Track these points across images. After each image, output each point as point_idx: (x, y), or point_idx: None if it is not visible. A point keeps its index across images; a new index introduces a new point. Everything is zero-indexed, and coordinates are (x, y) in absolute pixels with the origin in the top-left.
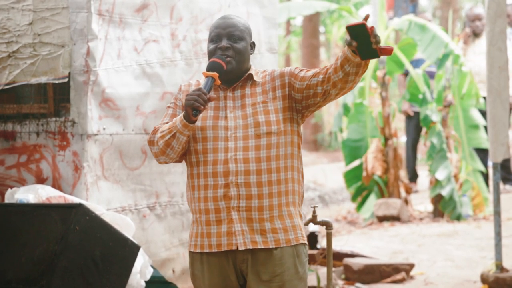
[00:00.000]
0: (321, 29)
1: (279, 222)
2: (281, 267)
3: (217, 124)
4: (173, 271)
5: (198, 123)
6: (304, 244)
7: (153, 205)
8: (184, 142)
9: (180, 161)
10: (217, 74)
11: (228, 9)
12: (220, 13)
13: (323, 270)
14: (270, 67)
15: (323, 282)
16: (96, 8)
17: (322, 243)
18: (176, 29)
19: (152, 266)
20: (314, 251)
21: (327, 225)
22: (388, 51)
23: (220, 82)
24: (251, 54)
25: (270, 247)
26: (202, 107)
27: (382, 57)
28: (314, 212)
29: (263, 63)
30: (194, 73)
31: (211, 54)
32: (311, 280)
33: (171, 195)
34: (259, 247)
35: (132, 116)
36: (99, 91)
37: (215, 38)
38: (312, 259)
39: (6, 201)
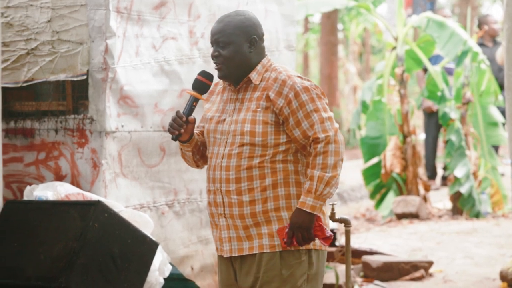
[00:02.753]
0: (339, 26)
1: (265, 228)
2: (261, 268)
3: (217, 128)
4: (192, 268)
5: (206, 125)
6: (297, 250)
7: (172, 202)
8: (193, 154)
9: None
10: (197, 94)
11: (246, 7)
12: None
13: (341, 268)
14: (288, 64)
15: (342, 280)
16: (114, 6)
17: (340, 240)
18: (194, 26)
19: (170, 263)
20: (332, 249)
21: (345, 222)
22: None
23: (204, 99)
24: (250, 51)
25: (254, 252)
26: (177, 132)
27: (401, 54)
28: (332, 209)
29: (281, 60)
30: (212, 71)
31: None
32: (330, 277)
33: (189, 192)
34: (244, 253)
35: (150, 114)
36: (117, 88)
37: (211, 44)
38: (330, 257)
39: (25, 198)
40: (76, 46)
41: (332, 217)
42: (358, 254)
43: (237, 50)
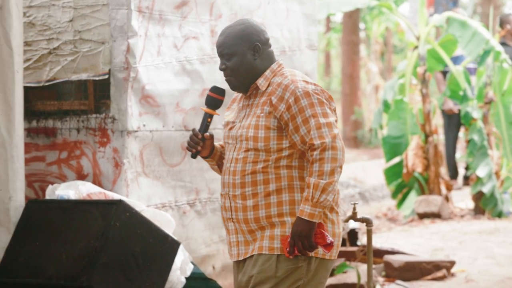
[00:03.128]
0: (361, 25)
1: (269, 231)
2: (257, 268)
3: (229, 134)
4: (213, 268)
5: (224, 131)
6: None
7: (193, 202)
8: (218, 167)
9: None
10: (211, 110)
11: (268, 6)
12: (259, 10)
13: (363, 267)
14: (310, 64)
15: (364, 279)
16: (136, 5)
17: (362, 240)
18: (215, 25)
19: (192, 263)
20: (354, 248)
21: (367, 222)
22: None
23: (219, 114)
24: (255, 59)
25: (254, 253)
26: (195, 150)
27: (423, 54)
28: (354, 209)
29: (303, 60)
30: None
31: None
32: (351, 277)
33: (211, 192)
34: (248, 256)
35: (172, 113)
36: (139, 87)
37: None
38: (352, 256)
39: (47, 197)
40: (98, 46)
41: (354, 217)
42: (379, 253)
43: (241, 60)
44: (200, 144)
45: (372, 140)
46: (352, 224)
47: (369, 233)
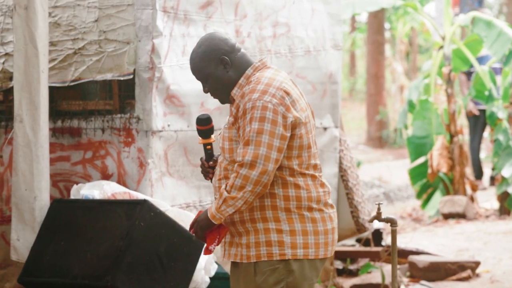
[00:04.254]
0: (386, 25)
1: (244, 238)
2: (241, 275)
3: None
4: None
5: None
6: (271, 260)
7: None
8: None
9: None
10: (207, 140)
11: (293, 6)
12: (284, 10)
13: (387, 268)
14: (335, 64)
15: (388, 280)
16: (161, 5)
17: (386, 240)
18: (240, 26)
19: (216, 263)
20: (378, 249)
21: (391, 222)
22: None
23: (214, 140)
24: (228, 71)
25: (237, 260)
26: (209, 177)
27: (448, 53)
28: (378, 209)
29: (328, 60)
30: None
31: None
32: (376, 277)
33: None
34: (231, 259)
35: (197, 113)
36: (164, 87)
37: None
38: (376, 257)
39: (72, 197)
40: (123, 46)
41: (378, 217)
42: (404, 254)
43: (216, 78)
44: (211, 172)
45: (397, 140)
46: (377, 224)
47: (393, 234)
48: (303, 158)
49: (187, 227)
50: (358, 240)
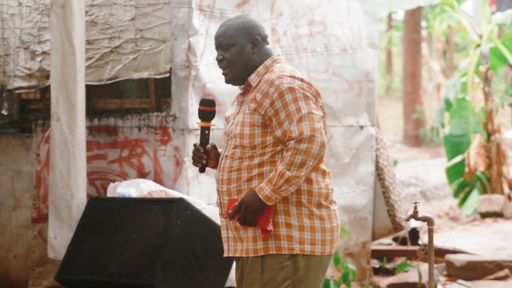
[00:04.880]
0: (423, 23)
1: (250, 231)
2: (246, 270)
3: (225, 130)
4: None
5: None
6: (279, 254)
7: None
8: None
9: None
10: (205, 122)
11: (329, 4)
12: (321, 8)
13: (424, 267)
14: (371, 62)
15: (425, 279)
16: (197, 4)
17: (423, 239)
18: (276, 24)
19: None
20: (415, 247)
21: (428, 221)
22: None
23: (214, 125)
24: (254, 52)
25: (243, 255)
26: (200, 164)
27: (485, 52)
28: (415, 208)
29: (364, 58)
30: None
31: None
32: (413, 276)
33: None
34: (237, 255)
35: None
36: (200, 86)
37: (216, 50)
38: (413, 255)
39: (109, 195)
40: (159, 44)
41: (415, 216)
42: (441, 253)
43: (240, 51)
44: (205, 158)
45: (434, 139)
46: (413, 223)
47: (430, 232)
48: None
49: None
50: (395, 239)
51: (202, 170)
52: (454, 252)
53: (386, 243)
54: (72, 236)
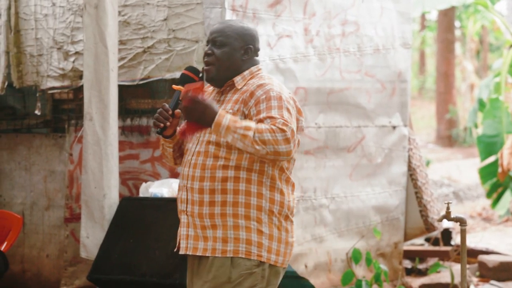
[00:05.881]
0: (457, 23)
1: (220, 232)
2: (211, 274)
3: None
4: (306, 266)
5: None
6: (248, 259)
7: None
8: (173, 151)
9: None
10: (183, 88)
11: (362, 4)
12: (353, 8)
13: (457, 267)
14: (404, 62)
15: (457, 279)
16: (230, 4)
17: (456, 239)
18: (309, 24)
19: None
20: (448, 248)
21: (461, 221)
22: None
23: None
24: (243, 59)
25: (207, 255)
26: (163, 124)
27: None
28: (448, 208)
29: (397, 58)
30: (327, 68)
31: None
32: (445, 276)
33: (303, 190)
34: (198, 253)
35: None
36: None
37: (206, 43)
38: (446, 256)
39: (141, 195)
40: (191, 44)
41: (448, 216)
42: (474, 253)
43: (230, 54)
44: (170, 120)
45: (467, 139)
46: (446, 224)
47: (463, 233)
48: (291, 164)
49: None
50: (427, 239)
51: (160, 131)
52: (487, 252)
53: (418, 243)
54: (104, 236)
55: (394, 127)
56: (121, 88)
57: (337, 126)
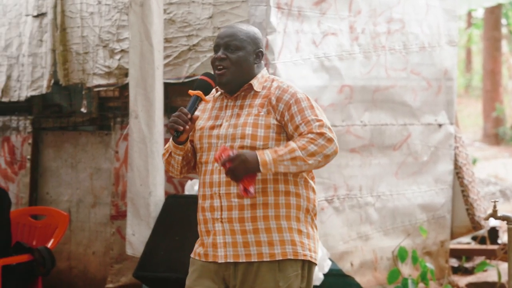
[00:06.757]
0: (503, 21)
1: (264, 235)
2: (258, 279)
3: (211, 134)
4: (351, 264)
5: (197, 133)
6: (295, 260)
7: (331, 198)
8: (181, 160)
9: (193, 173)
10: (201, 93)
11: (407, 2)
12: (399, 6)
13: (504, 266)
14: (450, 60)
15: (504, 278)
16: (275, 2)
17: (503, 238)
18: (354, 22)
19: (330, 259)
20: (494, 247)
21: (508, 220)
22: None
23: (208, 100)
24: (256, 63)
25: (252, 260)
26: (182, 128)
27: None
28: (494, 207)
29: (443, 56)
30: (372, 66)
31: (211, 64)
32: (492, 275)
33: (349, 188)
34: (240, 260)
35: None
36: None
37: (215, 48)
38: (492, 255)
39: (186, 192)
40: None
41: (494, 214)
42: None
43: (246, 58)
44: (188, 124)
45: None
46: (493, 222)
47: (510, 231)
48: None
49: None
50: (474, 238)
51: (178, 135)
52: None
53: (465, 242)
54: (150, 233)
55: (440, 125)
56: (167, 86)
57: (383, 124)
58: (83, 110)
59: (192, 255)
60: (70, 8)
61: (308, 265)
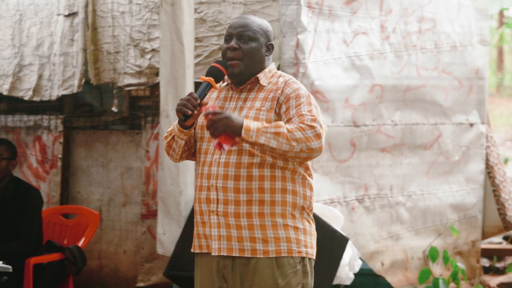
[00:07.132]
0: None
1: (259, 232)
2: (257, 277)
3: None
4: (382, 264)
5: (200, 121)
6: (291, 257)
7: (362, 198)
8: (183, 145)
9: (192, 159)
10: (213, 79)
11: (439, 1)
12: (430, 5)
13: None
14: (482, 59)
15: None
16: (306, 1)
17: None
18: (385, 21)
19: (360, 259)
20: None
21: None
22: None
23: (217, 88)
24: (266, 56)
25: (246, 256)
26: (190, 112)
27: None
28: None
29: (474, 55)
30: (403, 66)
31: (222, 55)
32: None
33: (379, 188)
34: (234, 254)
35: (341, 109)
36: (308, 83)
37: (227, 38)
38: None
39: None
40: None
41: None
42: None
43: (258, 49)
44: (197, 109)
45: None
46: None
47: None
48: (313, 161)
49: (331, 223)
50: (505, 238)
51: (185, 119)
52: None
53: (496, 241)
54: (180, 232)
55: (471, 125)
56: (197, 85)
57: (414, 124)
58: (114, 109)
59: (192, 250)
60: (101, 7)
61: (308, 261)
